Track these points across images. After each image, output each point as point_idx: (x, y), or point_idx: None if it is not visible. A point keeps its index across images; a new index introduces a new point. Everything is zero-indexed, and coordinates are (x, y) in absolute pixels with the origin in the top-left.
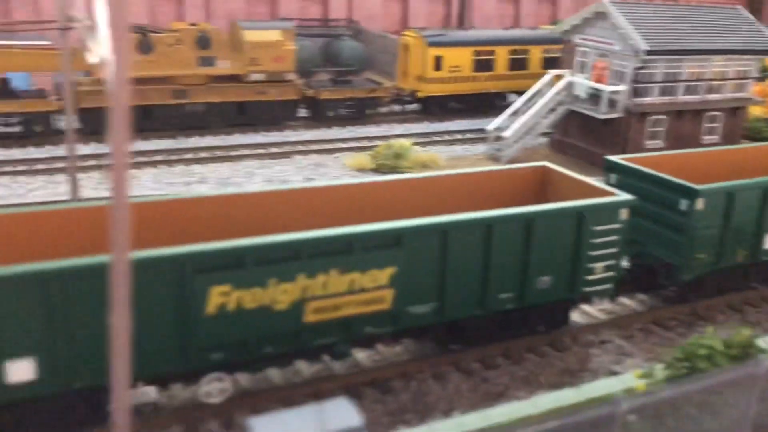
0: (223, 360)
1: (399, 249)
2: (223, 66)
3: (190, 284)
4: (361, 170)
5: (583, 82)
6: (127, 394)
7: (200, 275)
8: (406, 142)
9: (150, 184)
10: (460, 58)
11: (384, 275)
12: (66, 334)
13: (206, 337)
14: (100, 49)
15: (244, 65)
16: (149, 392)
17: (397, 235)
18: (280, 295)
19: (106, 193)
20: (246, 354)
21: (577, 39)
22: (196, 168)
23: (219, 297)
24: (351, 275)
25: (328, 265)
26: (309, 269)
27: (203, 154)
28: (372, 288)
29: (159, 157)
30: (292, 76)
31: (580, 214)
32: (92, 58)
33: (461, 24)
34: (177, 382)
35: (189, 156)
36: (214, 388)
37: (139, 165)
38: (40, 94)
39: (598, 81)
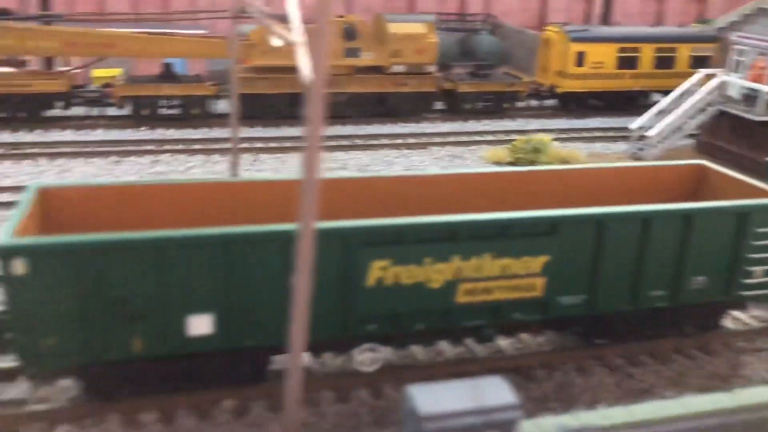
0: (377, 332)
1: (554, 238)
2: (367, 57)
3: (354, 257)
4: (498, 163)
5: (737, 82)
6: (302, 354)
7: (364, 249)
8: (545, 136)
9: (298, 168)
10: (604, 55)
11: (537, 263)
12: (242, 295)
13: (364, 309)
14: (290, 37)
15: (387, 57)
16: (303, 357)
17: (553, 223)
18: (434, 273)
19: (256, 173)
20: (398, 328)
21: (733, 37)
22: (338, 155)
23: (378, 271)
24: (504, 260)
25: (482, 248)
26: (464, 251)
27: (344, 142)
28: (524, 275)
29: (304, 144)
30: (432, 69)
31: (743, 214)
32: (275, 41)
33: (605, 20)
34: (328, 351)
35: (331, 143)
36: (367, 357)
37: (286, 149)
38: (198, 79)
39: (756, 81)
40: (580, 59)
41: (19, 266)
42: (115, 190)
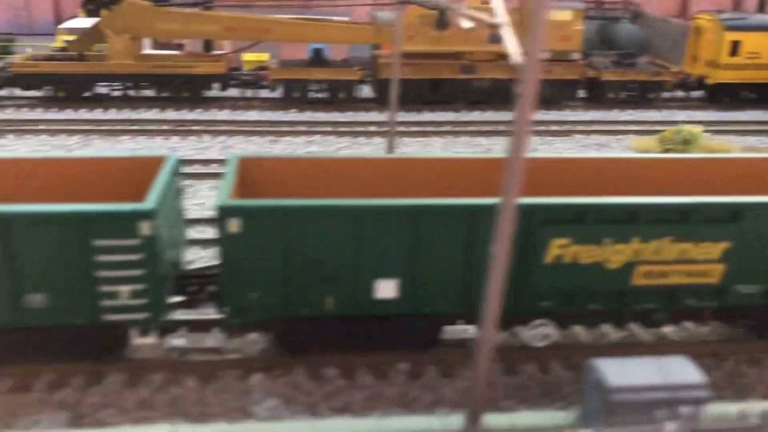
0: (550, 309)
1: (736, 224)
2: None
3: (535, 234)
4: (646, 153)
5: None
6: (495, 324)
7: (544, 226)
8: (695, 128)
9: (439, 152)
10: (762, 44)
11: (717, 249)
12: (425, 263)
13: (541, 285)
14: (492, 18)
15: None
16: (468, 329)
17: (737, 210)
18: (613, 254)
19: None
20: (571, 306)
21: None
22: (481, 140)
23: (558, 249)
24: (683, 245)
25: (662, 232)
26: (644, 234)
27: (486, 128)
28: (702, 260)
29: (445, 128)
30: (576, 56)
31: None
32: (465, 24)
33: (761, 8)
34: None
35: (472, 129)
36: (539, 333)
37: (427, 134)
38: (345, 64)
39: None
40: (735, 49)
41: (233, 225)
42: (299, 162)
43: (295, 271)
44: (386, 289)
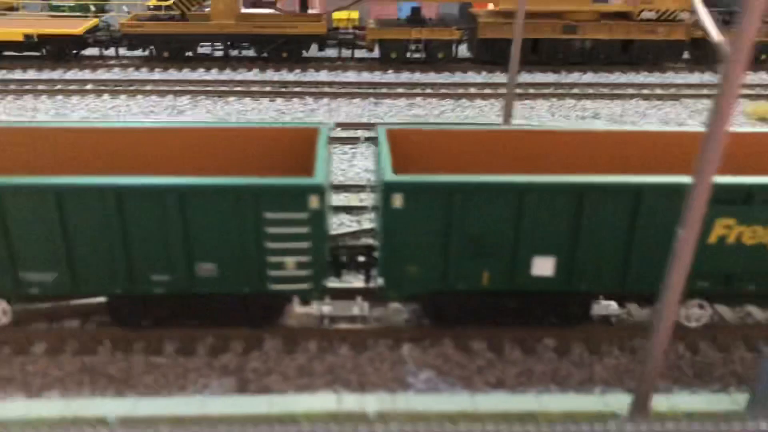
0: (706, 289)
1: None
2: (616, 3)
3: None
4: (764, 120)
5: None
6: (676, 304)
7: (711, 206)
8: None
9: (546, 116)
10: None
11: None
12: (585, 242)
13: (701, 265)
14: None
15: (637, 3)
16: (611, 305)
17: None
18: None
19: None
20: (727, 287)
21: None
22: (587, 103)
23: (722, 229)
24: None
25: None
26: None
27: (589, 90)
28: None
29: (547, 90)
30: (684, 16)
31: None
32: None
33: None
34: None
35: (575, 91)
36: (694, 313)
37: (532, 96)
38: (443, 23)
39: None
40: None
41: (397, 200)
42: (444, 134)
43: (454, 245)
44: (543, 266)
